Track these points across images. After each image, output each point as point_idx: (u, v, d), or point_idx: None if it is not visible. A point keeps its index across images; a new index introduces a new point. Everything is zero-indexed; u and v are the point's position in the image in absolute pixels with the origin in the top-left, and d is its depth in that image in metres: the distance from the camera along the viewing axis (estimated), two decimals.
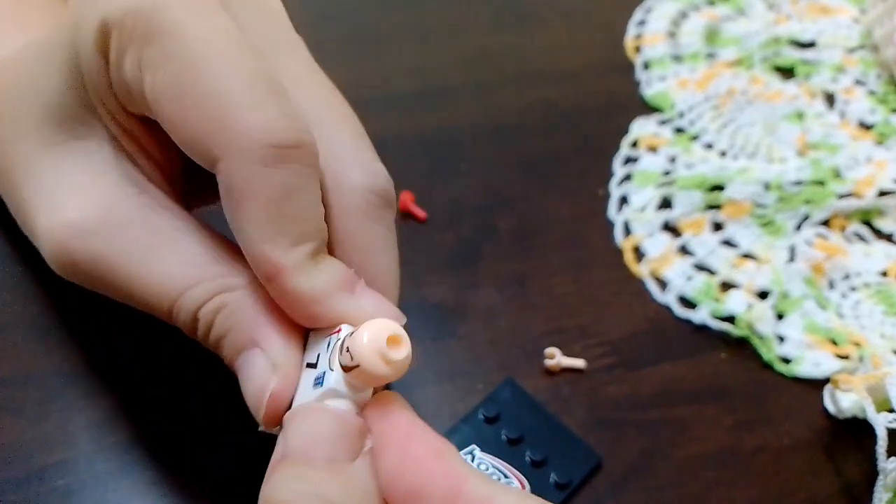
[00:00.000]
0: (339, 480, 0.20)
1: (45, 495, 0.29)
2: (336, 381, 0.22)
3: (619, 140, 0.44)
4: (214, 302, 0.24)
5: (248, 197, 0.22)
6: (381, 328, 0.22)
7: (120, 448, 0.30)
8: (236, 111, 0.22)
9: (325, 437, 0.21)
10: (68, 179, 0.25)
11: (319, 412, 0.22)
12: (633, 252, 0.40)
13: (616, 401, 0.34)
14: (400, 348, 0.22)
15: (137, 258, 0.25)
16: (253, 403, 0.24)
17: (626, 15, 0.52)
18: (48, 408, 0.31)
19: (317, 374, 0.23)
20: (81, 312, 0.33)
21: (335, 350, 0.23)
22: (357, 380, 0.22)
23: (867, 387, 0.32)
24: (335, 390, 0.22)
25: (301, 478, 0.21)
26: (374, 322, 0.22)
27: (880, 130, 0.46)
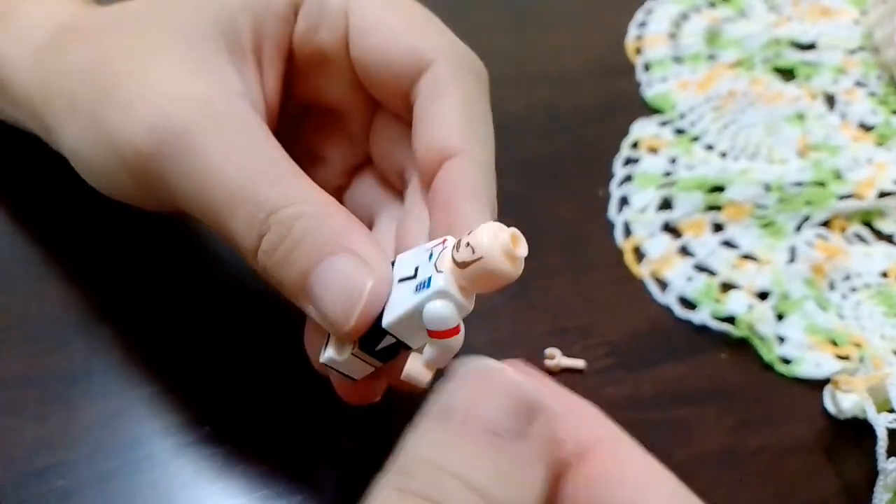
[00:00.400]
0: (494, 460, 0.17)
1: (45, 495, 0.29)
2: (446, 281, 0.21)
3: (619, 141, 0.44)
4: (294, 209, 0.23)
5: (451, 93, 0.26)
6: (501, 227, 0.21)
7: (121, 449, 0.30)
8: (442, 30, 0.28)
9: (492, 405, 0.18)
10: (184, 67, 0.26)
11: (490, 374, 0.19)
12: (633, 253, 0.40)
13: (616, 401, 0.34)
14: (520, 246, 0.22)
15: (227, 141, 0.24)
16: (341, 307, 0.22)
17: (627, 16, 0.52)
18: (48, 408, 0.31)
19: (418, 281, 0.22)
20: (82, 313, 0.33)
21: (444, 255, 0.22)
22: (473, 278, 0.21)
23: (868, 387, 0.32)
24: (445, 291, 0.21)
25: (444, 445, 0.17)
26: (491, 224, 0.22)
27: (881, 132, 0.46)
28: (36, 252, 0.35)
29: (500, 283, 0.21)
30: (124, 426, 0.31)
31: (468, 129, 0.26)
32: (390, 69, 0.27)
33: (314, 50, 0.28)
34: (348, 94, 0.29)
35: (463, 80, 0.27)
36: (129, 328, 0.33)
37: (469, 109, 0.26)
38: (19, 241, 0.35)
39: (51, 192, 0.36)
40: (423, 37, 0.27)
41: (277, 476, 0.30)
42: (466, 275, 0.21)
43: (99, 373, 0.32)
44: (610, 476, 0.19)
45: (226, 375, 0.32)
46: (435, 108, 0.26)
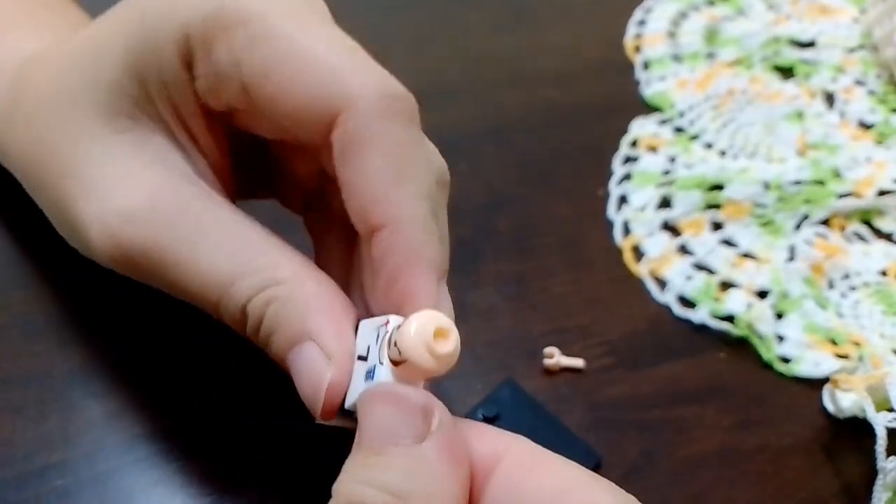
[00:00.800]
0: (401, 465, 0.20)
1: (45, 495, 0.29)
2: (386, 375, 0.22)
3: (618, 140, 0.44)
4: (264, 295, 0.24)
5: (369, 145, 0.23)
6: (427, 320, 0.21)
7: (120, 448, 0.30)
8: (350, 70, 0.23)
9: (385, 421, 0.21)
10: (119, 168, 0.25)
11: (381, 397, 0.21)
12: (632, 252, 0.40)
13: (615, 401, 0.34)
14: (447, 341, 0.21)
15: (186, 248, 0.24)
16: (310, 397, 0.23)
17: (626, 15, 0.52)
18: (48, 408, 0.31)
19: (368, 367, 0.23)
20: (82, 313, 0.33)
21: (384, 344, 0.22)
22: (405, 374, 0.22)
23: (867, 386, 0.32)
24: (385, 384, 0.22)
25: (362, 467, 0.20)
26: (422, 314, 0.21)
27: (880, 130, 0.46)
28: (36, 252, 0.35)
29: (434, 376, 0.22)
30: (124, 426, 0.31)
31: (397, 188, 0.23)
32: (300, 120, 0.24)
33: (224, 105, 0.26)
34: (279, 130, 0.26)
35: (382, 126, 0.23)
36: (129, 328, 0.33)
37: (396, 162, 0.23)
38: (19, 242, 0.35)
39: None
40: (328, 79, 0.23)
41: (278, 475, 0.30)
42: (400, 371, 0.22)
43: (99, 373, 0.32)
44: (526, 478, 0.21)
45: (226, 375, 0.32)
46: (354, 170, 0.23)
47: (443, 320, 0.22)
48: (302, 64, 0.23)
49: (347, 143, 0.23)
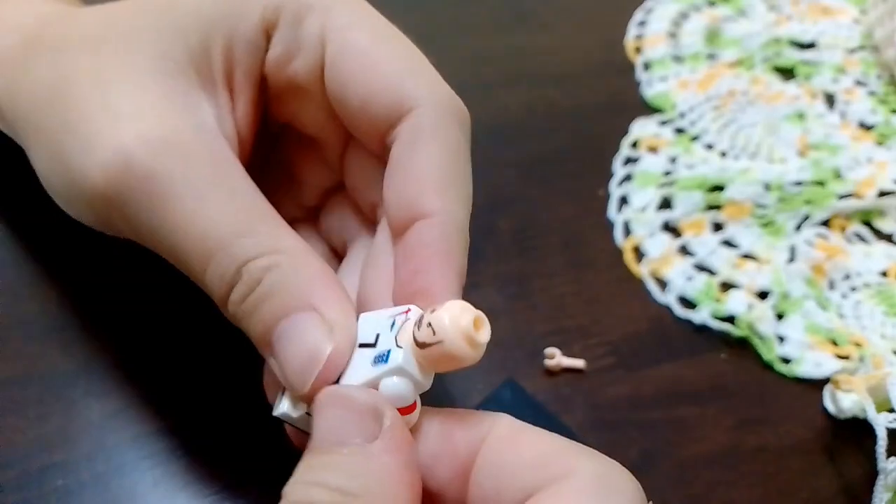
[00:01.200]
0: (348, 465, 0.20)
1: (45, 495, 0.29)
2: (405, 358, 0.21)
3: (619, 140, 0.44)
4: (266, 259, 0.23)
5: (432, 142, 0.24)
6: (464, 308, 0.21)
7: (120, 448, 0.30)
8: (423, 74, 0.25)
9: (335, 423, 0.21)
10: (147, 101, 0.25)
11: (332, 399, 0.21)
12: (633, 252, 0.40)
13: (616, 401, 0.34)
14: (483, 330, 0.21)
15: (196, 188, 0.23)
16: (299, 369, 0.22)
17: (627, 15, 0.52)
18: (48, 408, 0.31)
19: (377, 352, 0.22)
20: (82, 313, 0.33)
21: (406, 328, 0.22)
22: (432, 359, 0.21)
23: (868, 387, 0.32)
24: (402, 368, 0.21)
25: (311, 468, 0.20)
26: (458, 303, 0.21)
27: (881, 131, 0.46)
28: (36, 252, 0.35)
29: (460, 366, 0.21)
30: (124, 426, 0.31)
31: (446, 187, 0.24)
32: (368, 109, 0.25)
33: (288, 78, 0.26)
34: (323, 123, 0.28)
35: (446, 130, 0.25)
36: (129, 328, 0.33)
37: (449, 165, 0.24)
38: (19, 241, 0.35)
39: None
40: (407, 77, 0.25)
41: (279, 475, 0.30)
42: (425, 355, 0.21)
43: (99, 373, 0.32)
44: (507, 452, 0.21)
45: (227, 375, 0.32)
46: (412, 160, 0.24)
47: (477, 311, 0.21)
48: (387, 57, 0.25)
49: (413, 136, 0.24)
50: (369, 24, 0.26)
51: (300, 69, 0.26)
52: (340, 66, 0.25)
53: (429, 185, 0.24)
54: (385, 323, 0.22)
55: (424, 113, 0.25)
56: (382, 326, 0.22)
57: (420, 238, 0.24)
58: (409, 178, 0.24)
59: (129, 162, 0.23)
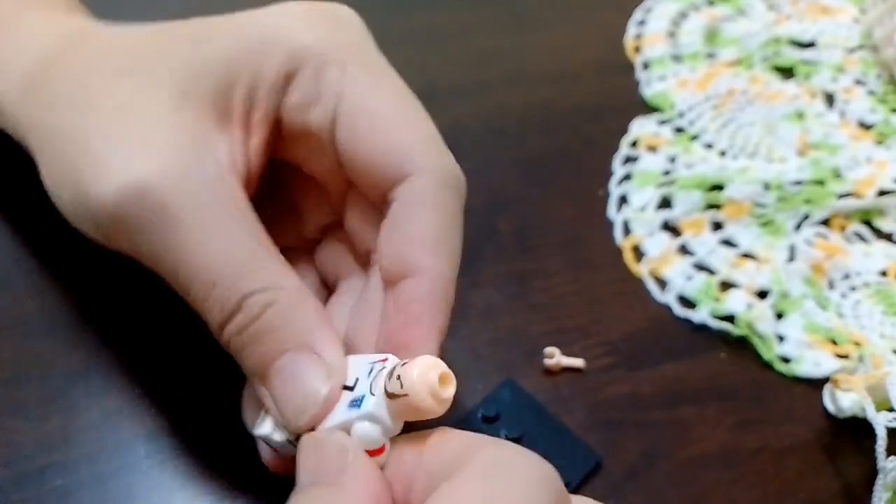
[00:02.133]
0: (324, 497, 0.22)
1: (45, 495, 0.29)
2: (376, 405, 0.23)
3: (618, 140, 0.44)
4: (268, 295, 0.24)
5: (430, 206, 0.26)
6: (433, 365, 0.23)
7: (120, 448, 0.30)
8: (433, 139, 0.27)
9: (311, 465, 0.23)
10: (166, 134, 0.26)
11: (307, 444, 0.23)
12: (632, 252, 0.40)
13: (616, 401, 0.34)
14: (448, 387, 0.23)
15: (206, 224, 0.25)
16: (296, 408, 0.24)
17: (626, 15, 0.52)
18: (48, 408, 0.31)
19: (354, 396, 0.24)
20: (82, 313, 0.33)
21: (381, 376, 0.23)
22: (400, 409, 0.23)
23: (867, 386, 0.32)
24: (373, 414, 0.23)
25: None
26: (427, 358, 0.23)
27: (880, 130, 0.46)
28: (36, 252, 0.35)
29: (424, 417, 0.23)
30: (124, 426, 0.31)
31: (438, 248, 0.26)
32: (373, 166, 0.27)
33: (301, 125, 0.28)
34: (329, 169, 0.29)
35: (444, 196, 0.27)
36: (129, 328, 0.33)
37: (443, 228, 0.26)
38: (19, 241, 0.35)
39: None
40: (414, 144, 0.27)
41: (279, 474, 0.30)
42: (395, 405, 0.23)
43: (99, 373, 0.32)
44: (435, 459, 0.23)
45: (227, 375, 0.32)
46: (410, 220, 0.26)
47: (445, 368, 0.23)
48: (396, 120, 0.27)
49: (413, 197, 0.26)
50: (385, 85, 0.28)
51: (314, 118, 0.27)
52: (352, 123, 0.27)
53: (422, 245, 0.26)
54: (364, 368, 0.24)
55: (425, 179, 0.26)
56: (362, 371, 0.24)
57: (410, 294, 0.25)
58: (405, 236, 0.26)
59: (144, 192, 0.24)
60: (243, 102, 0.27)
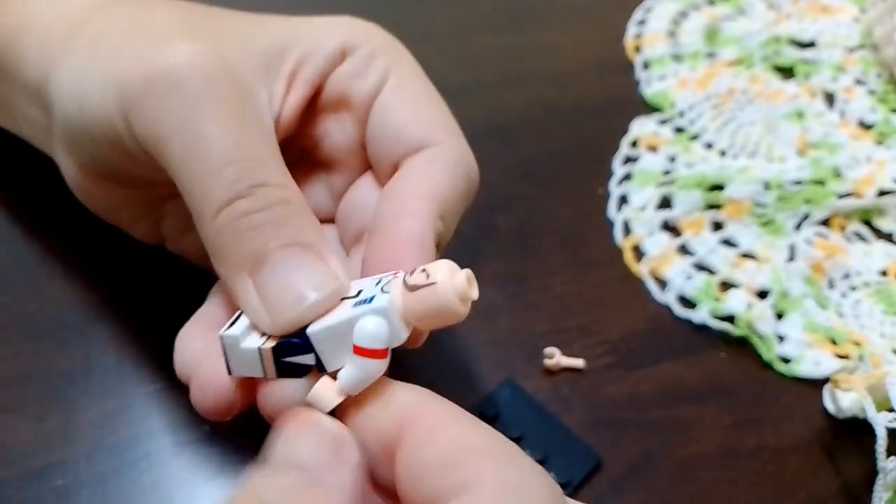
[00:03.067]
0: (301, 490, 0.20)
1: (45, 495, 0.29)
2: (389, 301, 0.21)
3: (618, 139, 0.44)
4: (284, 192, 0.24)
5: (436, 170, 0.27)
6: (455, 267, 0.21)
7: (120, 448, 0.30)
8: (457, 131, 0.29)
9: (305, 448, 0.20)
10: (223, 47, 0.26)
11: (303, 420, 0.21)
12: (632, 251, 0.40)
13: (616, 400, 0.34)
14: (473, 289, 0.22)
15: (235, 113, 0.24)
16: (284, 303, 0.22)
17: (626, 14, 0.52)
18: (48, 408, 0.31)
19: (359, 299, 0.22)
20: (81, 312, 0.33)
21: (396, 279, 0.22)
22: (418, 308, 0.21)
23: (867, 386, 0.32)
24: (384, 308, 0.21)
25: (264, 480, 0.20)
26: (446, 262, 0.21)
27: (880, 130, 0.46)
28: (35, 251, 0.35)
29: (444, 320, 0.21)
30: (123, 426, 0.31)
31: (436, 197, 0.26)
32: (396, 138, 0.28)
33: (342, 93, 0.29)
34: (350, 146, 0.30)
35: (452, 167, 0.27)
36: (128, 327, 0.33)
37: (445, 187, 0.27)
38: (19, 241, 0.35)
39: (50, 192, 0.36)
40: (439, 125, 0.28)
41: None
42: (415, 300, 0.21)
43: (99, 373, 0.32)
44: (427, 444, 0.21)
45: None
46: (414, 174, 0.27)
47: (467, 271, 0.22)
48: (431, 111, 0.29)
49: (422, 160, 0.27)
50: (425, 83, 0.30)
51: (359, 89, 0.29)
52: (392, 100, 0.29)
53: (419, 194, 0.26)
54: (370, 282, 0.23)
55: (440, 149, 0.28)
56: (367, 285, 0.23)
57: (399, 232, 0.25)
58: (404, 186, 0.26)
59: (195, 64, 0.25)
60: (295, 61, 0.28)
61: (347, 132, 0.30)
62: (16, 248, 0.35)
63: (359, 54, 0.29)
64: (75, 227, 0.36)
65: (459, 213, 0.28)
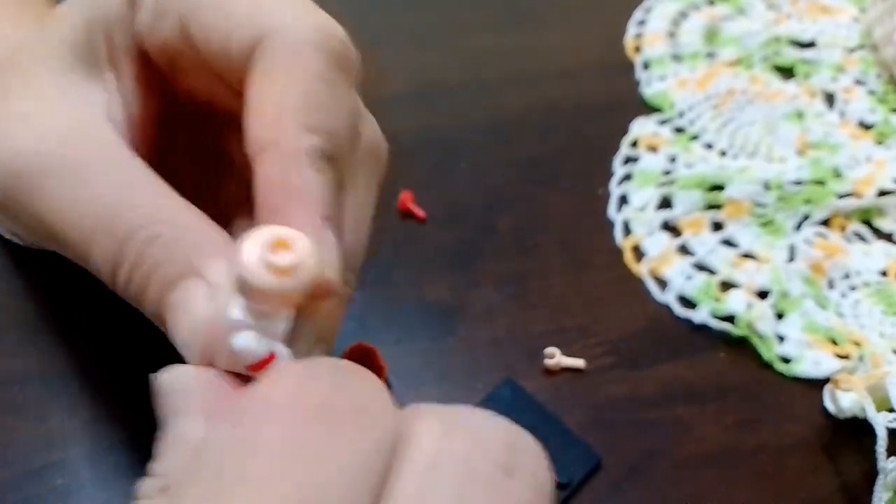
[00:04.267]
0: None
1: (45, 495, 0.29)
2: (237, 313, 0.20)
3: (618, 140, 0.44)
4: (146, 231, 0.22)
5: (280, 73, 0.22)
6: (262, 234, 0.19)
7: (120, 448, 0.30)
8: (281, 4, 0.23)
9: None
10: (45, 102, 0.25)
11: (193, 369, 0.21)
12: (632, 252, 0.40)
13: (616, 400, 0.34)
14: (287, 252, 0.19)
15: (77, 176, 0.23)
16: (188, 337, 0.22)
17: (626, 15, 0.52)
18: (48, 408, 0.31)
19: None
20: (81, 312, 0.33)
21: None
22: (258, 302, 0.19)
23: (867, 386, 0.32)
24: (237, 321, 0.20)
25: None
26: (258, 230, 0.19)
27: (880, 130, 0.46)
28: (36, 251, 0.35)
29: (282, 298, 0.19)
30: (124, 425, 0.31)
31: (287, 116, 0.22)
32: (227, 50, 0.23)
33: (161, 44, 0.25)
34: (216, 86, 0.26)
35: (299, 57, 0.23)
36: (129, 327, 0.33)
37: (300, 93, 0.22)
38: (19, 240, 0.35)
39: None
40: (263, 8, 0.23)
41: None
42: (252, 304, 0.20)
43: (98, 372, 0.32)
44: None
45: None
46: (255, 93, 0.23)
47: (285, 232, 0.19)
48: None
49: (258, 68, 0.22)
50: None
51: (167, 30, 0.25)
52: (198, 15, 0.24)
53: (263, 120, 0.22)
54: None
55: (274, 41, 0.23)
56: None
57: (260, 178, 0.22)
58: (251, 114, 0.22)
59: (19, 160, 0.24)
60: (105, 45, 0.26)
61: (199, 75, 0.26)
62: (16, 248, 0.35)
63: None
64: None
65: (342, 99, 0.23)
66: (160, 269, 0.22)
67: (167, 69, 0.26)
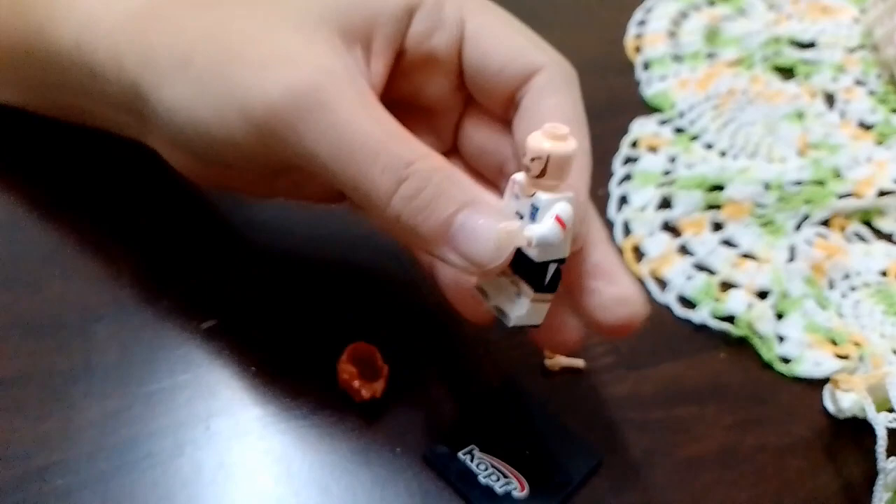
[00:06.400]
0: None
1: (45, 495, 0.29)
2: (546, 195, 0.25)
3: (619, 140, 0.44)
4: (432, 161, 0.26)
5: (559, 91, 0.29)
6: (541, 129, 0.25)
7: (121, 448, 0.30)
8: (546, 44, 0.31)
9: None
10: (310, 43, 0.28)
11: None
12: (633, 252, 0.40)
13: (616, 400, 0.34)
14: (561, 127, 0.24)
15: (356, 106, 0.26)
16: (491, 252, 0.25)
17: (627, 15, 0.52)
18: (48, 408, 0.31)
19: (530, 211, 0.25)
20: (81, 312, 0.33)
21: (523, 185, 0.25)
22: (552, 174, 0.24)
23: (867, 386, 0.32)
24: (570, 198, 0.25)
25: None
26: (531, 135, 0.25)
27: (880, 130, 0.46)
28: (35, 251, 0.35)
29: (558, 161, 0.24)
30: (124, 425, 0.31)
31: (573, 122, 0.28)
32: (502, 73, 0.30)
33: (426, 52, 0.30)
34: (447, 93, 0.31)
35: (567, 85, 0.30)
36: (129, 327, 0.33)
37: (574, 109, 0.29)
38: (19, 240, 0.35)
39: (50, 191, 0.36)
40: (533, 47, 0.30)
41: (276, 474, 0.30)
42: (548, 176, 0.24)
43: (99, 372, 0.32)
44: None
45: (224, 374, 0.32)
46: (543, 105, 0.29)
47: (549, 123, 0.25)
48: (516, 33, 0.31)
49: (543, 88, 0.29)
50: (495, 10, 0.31)
51: (440, 43, 0.30)
52: (480, 40, 0.30)
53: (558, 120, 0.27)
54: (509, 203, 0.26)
55: (551, 72, 0.30)
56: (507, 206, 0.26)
57: None
58: (540, 118, 0.28)
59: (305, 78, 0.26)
60: (363, 31, 0.29)
61: (439, 84, 0.31)
62: (16, 248, 0.35)
63: (426, 8, 0.30)
64: (75, 227, 0.36)
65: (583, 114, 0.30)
66: (446, 195, 0.26)
67: (407, 70, 0.30)
